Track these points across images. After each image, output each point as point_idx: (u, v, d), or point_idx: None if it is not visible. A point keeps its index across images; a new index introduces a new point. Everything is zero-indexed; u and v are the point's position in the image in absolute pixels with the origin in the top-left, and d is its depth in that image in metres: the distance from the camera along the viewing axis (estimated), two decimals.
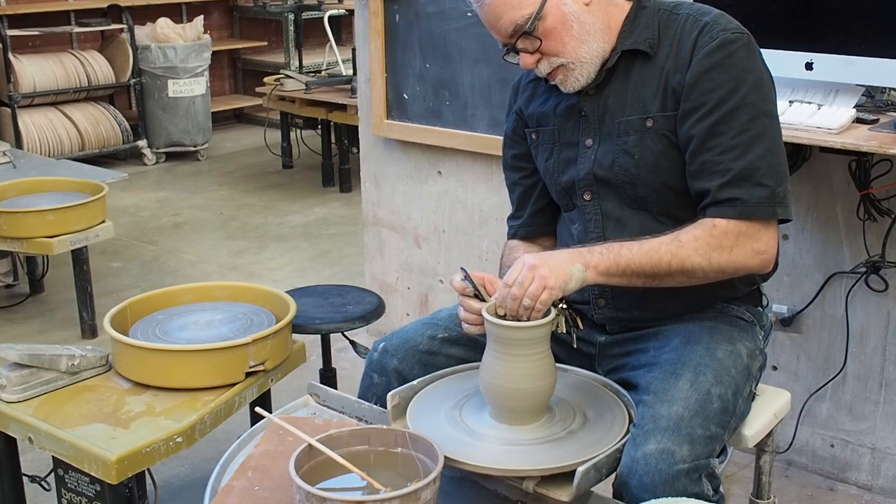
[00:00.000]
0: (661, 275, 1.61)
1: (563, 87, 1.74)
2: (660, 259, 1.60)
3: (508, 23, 1.66)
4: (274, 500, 1.46)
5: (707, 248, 1.61)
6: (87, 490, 1.99)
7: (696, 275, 1.62)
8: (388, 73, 3.19)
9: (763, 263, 1.66)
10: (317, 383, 1.84)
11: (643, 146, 1.71)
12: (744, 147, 1.62)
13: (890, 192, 2.34)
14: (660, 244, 1.61)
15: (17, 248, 3.43)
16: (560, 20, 1.67)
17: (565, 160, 1.82)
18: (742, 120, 1.62)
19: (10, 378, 2.00)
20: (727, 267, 1.63)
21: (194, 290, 2.37)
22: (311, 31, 7.28)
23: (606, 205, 1.78)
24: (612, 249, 1.61)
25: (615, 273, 1.60)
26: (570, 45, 1.68)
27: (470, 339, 1.83)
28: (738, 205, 1.61)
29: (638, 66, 1.72)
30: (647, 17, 1.73)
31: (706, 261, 1.61)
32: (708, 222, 1.63)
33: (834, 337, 2.55)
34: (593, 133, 1.77)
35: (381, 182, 3.38)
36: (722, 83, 1.63)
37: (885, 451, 2.53)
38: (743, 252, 1.62)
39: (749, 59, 1.65)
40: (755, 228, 1.63)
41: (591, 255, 1.60)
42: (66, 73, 5.94)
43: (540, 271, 1.54)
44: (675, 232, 1.63)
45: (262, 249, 4.72)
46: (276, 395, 2.28)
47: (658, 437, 1.51)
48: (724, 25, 1.67)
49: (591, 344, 1.83)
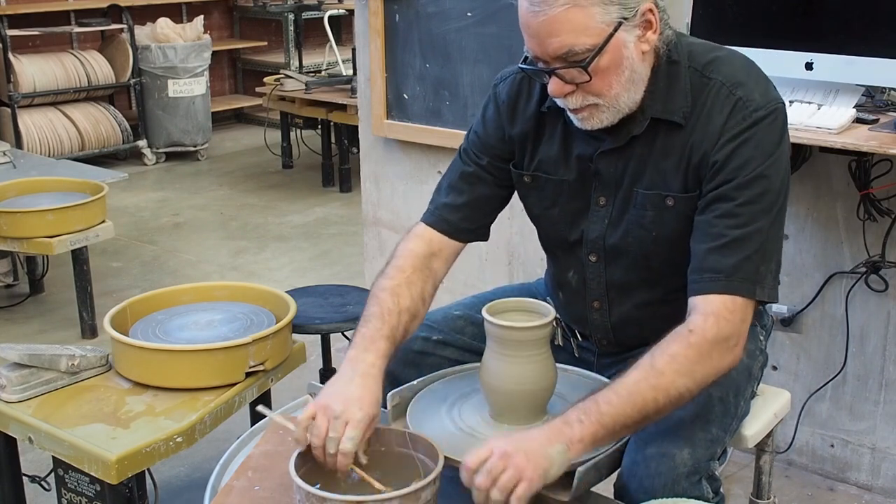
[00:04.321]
0: (651, 415, 1.44)
1: (581, 123, 1.58)
2: (644, 401, 1.42)
3: (561, 46, 1.47)
4: (274, 500, 1.46)
5: (688, 363, 1.44)
6: (87, 490, 1.99)
7: (685, 398, 1.46)
8: (388, 73, 3.19)
9: (735, 359, 1.49)
10: (317, 383, 1.83)
11: (662, 223, 1.60)
12: (746, 217, 1.50)
13: (890, 192, 2.34)
14: (637, 384, 1.43)
15: (17, 248, 3.43)
16: (616, 62, 1.50)
17: (573, 212, 1.69)
18: (755, 192, 1.50)
19: (10, 378, 1.99)
20: (711, 377, 1.47)
21: (194, 290, 2.37)
22: (311, 31, 7.29)
23: (613, 272, 1.68)
24: (591, 412, 1.40)
25: (603, 438, 1.42)
26: (615, 91, 1.52)
27: (463, 341, 1.83)
28: (720, 279, 1.49)
29: (663, 133, 1.58)
30: (680, 79, 1.57)
31: (691, 380, 1.44)
32: (683, 331, 1.47)
33: (834, 337, 2.55)
34: (608, 193, 1.64)
35: (381, 182, 3.37)
36: (748, 159, 1.51)
37: (885, 451, 2.53)
38: (719, 353, 1.47)
39: (776, 133, 1.53)
40: (729, 310, 1.48)
41: (570, 429, 1.39)
42: (66, 73, 5.94)
43: (514, 460, 1.33)
44: (649, 358, 1.45)
45: (262, 249, 4.72)
46: (276, 395, 2.28)
47: (658, 441, 1.51)
48: (757, 103, 1.52)
49: (592, 353, 1.82)
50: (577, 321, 1.81)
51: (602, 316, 1.74)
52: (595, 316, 1.75)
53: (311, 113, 5.55)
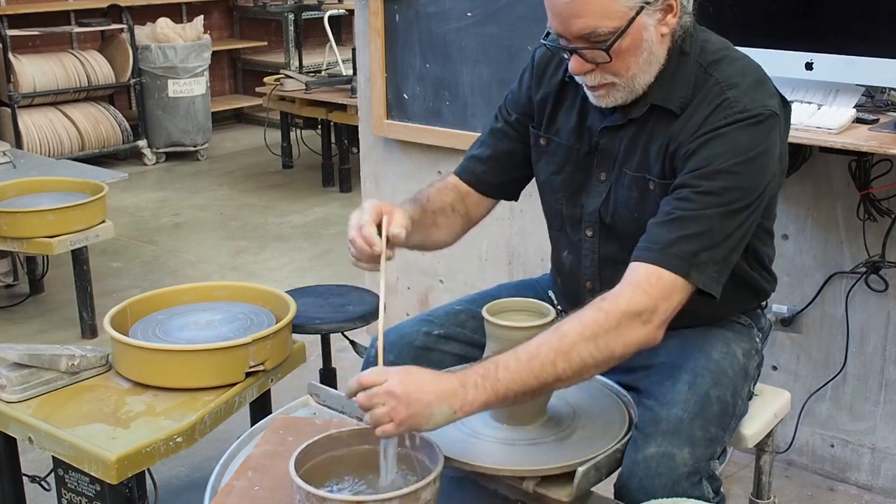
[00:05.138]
0: (550, 382, 1.43)
1: (598, 100, 1.62)
2: (542, 365, 1.41)
3: (585, 27, 1.51)
4: (274, 500, 1.46)
5: (594, 328, 1.43)
6: (87, 490, 2.00)
7: (588, 366, 1.44)
8: (388, 73, 3.19)
9: (648, 335, 1.46)
10: (317, 383, 1.84)
11: (644, 206, 1.63)
12: (699, 204, 1.50)
13: (890, 192, 2.34)
14: (539, 346, 1.42)
15: (17, 248, 3.43)
16: (636, 44, 1.54)
17: (576, 183, 1.74)
18: (716, 184, 1.50)
19: (10, 378, 2.00)
20: (618, 349, 1.45)
21: (194, 290, 2.37)
22: (311, 31, 7.29)
23: (606, 248, 1.72)
24: (488, 377, 1.41)
25: (494, 404, 1.42)
26: (632, 71, 1.56)
27: (465, 336, 1.83)
28: (654, 249, 1.49)
29: (657, 119, 1.62)
30: (686, 71, 1.60)
31: (595, 347, 1.42)
32: (598, 299, 1.48)
33: (834, 337, 2.55)
34: (607, 168, 1.69)
35: (381, 182, 3.37)
36: (717, 153, 1.52)
37: (885, 451, 2.53)
38: (629, 324, 1.44)
39: (757, 135, 1.53)
40: (651, 283, 1.47)
41: (464, 392, 1.39)
42: (66, 73, 5.94)
43: (395, 403, 1.36)
44: (559, 322, 1.46)
45: (262, 249, 4.72)
46: (276, 395, 2.28)
47: (658, 441, 1.51)
48: (743, 105, 1.53)
49: None
50: (573, 304, 1.81)
51: (594, 297, 1.75)
52: (588, 297, 1.75)
53: (311, 113, 5.55)
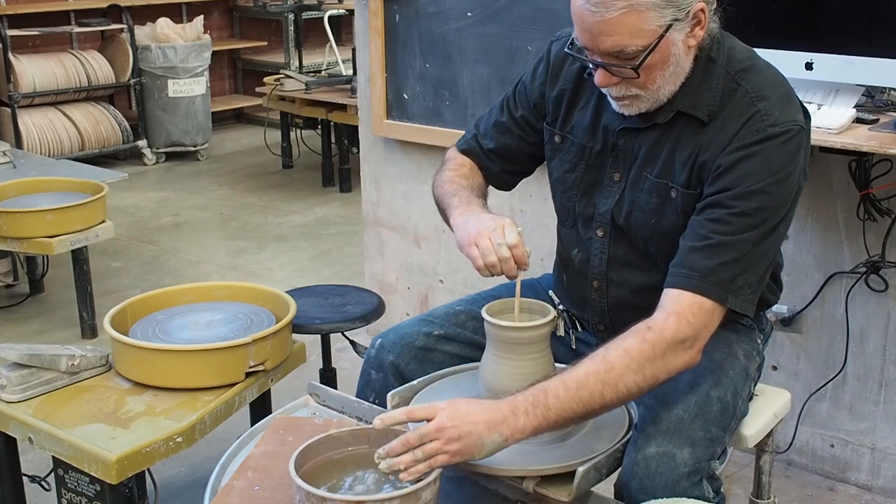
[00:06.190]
0: (596, 409, 1.46)
1: (622, 109, 1.63)
2: (591, 395, 1.43)
3: (614, 45, 1.50)
4: (274, 500, 1.46)
5: (640, 359, 1.45)
6: (87, 490, 1.99)
7: (633, 394, 1.47)
8: (388, 73, 3.19)
9: (690, 361, 1.49)
10: (317, 383, 1.84)
11: (662, 213, 1.63)
12: (735, 227, 1.51)
13: (890, 192, 2.34)
14: (587, 376, 1.44)
15: (17, 248, 3.43)
16: (664, 59, 1.54)
17: (588, 182, 1.74)
18: (750, 205, 1.51)
19: (10, 378, 1.99)
20: (662, 376, 1.47)
21: (194, 290, 2.37)
22: (311, 31, 7.29)
23: (616, 249, 1.72)
24: (538, 404, 1.42)
25: (545, 429, 1.44)
26: (658, 83, 1.57)
27: (466, 337, 1.84)
28: (694, 277, 1.50)
29: (683, 126, 1.61)
30: (713, 78, 1.60)
31: (641, 377, 1.45)
32: (642, 327, 1.48)
33: (834, 337, 2.55)
34: (623, 169, 1.69)
35: (381, 182, 3.38)
36: (751, 172, 1.52)
37: (885, 451, 2.53)
38: (674, 353, 1.47)
39: (787, 153, 1.53)
40: (694, 312, 1.49)
41: (515, 420, 1.41)
42: (66, 73, 5.94)
43: (448, 436, 1.37)
44: (603, 350, 1.47)
45: (262, 249, 4.72)
46: (276, 395, 2.28)
47: (659, 441, 1.51)
48: (774, 118, 1.53)
49: (589, 346, 1.82)
50: (578, 303, 1.84)
51: (600, 297, 1.77)
52: (594, 297, 1.78)
53: (311, 113, 5.55)
